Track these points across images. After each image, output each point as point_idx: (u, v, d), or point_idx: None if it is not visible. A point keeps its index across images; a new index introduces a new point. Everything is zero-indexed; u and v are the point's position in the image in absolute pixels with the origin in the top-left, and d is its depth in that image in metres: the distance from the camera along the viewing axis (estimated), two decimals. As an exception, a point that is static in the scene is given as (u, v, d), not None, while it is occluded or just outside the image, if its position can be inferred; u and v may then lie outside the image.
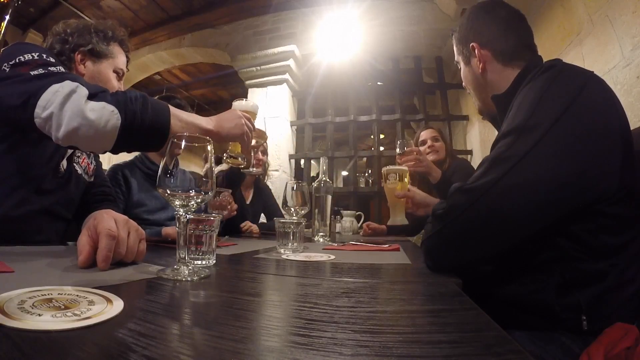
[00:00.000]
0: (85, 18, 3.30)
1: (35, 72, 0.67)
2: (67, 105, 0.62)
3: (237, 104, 1.03)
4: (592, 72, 0.65)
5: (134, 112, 0.65)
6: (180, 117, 0.72)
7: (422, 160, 1.36)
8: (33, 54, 0.73)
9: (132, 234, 0.58)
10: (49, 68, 0.70)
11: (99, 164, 1.08)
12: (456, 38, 0.88)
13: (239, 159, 0.94)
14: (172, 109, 0.71)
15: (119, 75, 1.01)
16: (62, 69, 0.72)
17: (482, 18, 0.83)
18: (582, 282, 0.60)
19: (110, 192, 1.07)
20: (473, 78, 0.84)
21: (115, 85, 0.99)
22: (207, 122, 0.76)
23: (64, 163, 0.89)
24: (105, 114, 0.63)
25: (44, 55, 0.75)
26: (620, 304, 0.59)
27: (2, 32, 2.81)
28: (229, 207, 1.24)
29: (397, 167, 1.30)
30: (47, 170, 0.84)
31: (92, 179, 1.01)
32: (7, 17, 2.76)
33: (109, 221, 0.56)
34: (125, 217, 0.61)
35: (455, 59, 0.91)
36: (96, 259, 0.52)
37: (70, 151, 0.90)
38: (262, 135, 1.41)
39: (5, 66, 0.71)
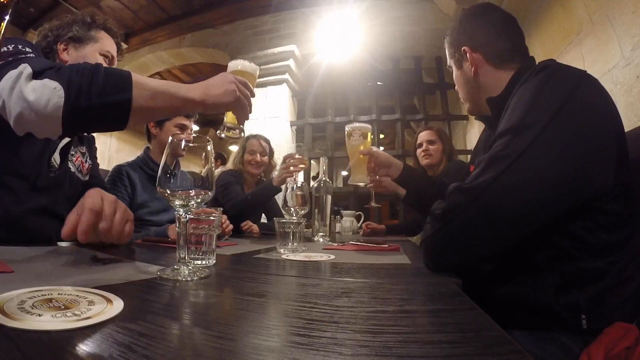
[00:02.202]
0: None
1: (3, 63, 0.63)
2: (14, 90, 0.57)
3: (232, 64, 0.90)
4: (585, 71, 0.65)
5: (79, 85, 0.56)
6: (148, 86, 0.61)
7: (381, 181, 1.29)
8: (9, 46, 0.69)
9: (118, 212, 0.58)
10: (19, 56, 0.65)
11: (95, 165, 1.07)
12: (448, 42, 0.89)
13: (237, 131, 0.84)
14: (137, 77, 0.61)
15: (108, 59, 0.99)
16: (32, 56, 0.68)
17: (474, 22, 0.83)
18: (581, 281, 0.60)
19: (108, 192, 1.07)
20: (466, 81, 0.85)
21: None
22: (187, 90, 0.65)
23: (57, 158, 0.87)
24: (45, 92, 0.55)
25: (20, 46, 0.71)
26: (620, 303, 0.60)
27: (2, 32, 2.81)
28: (225, 228, 1.23)
29: (361, 124, 1.21)
30: (40, 167, 0.83)
31: (86, 178, 1.00)
32: (7, 17, 2.76)
33: (95, 198, 0.56)
34: (115, 197, 0.61)
35: (448, 63, 0.91)
36: (77, 232, 0.52)
37: (61, 145, 0.88)
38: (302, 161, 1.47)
39: None
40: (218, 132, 0.84)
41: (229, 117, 0.83)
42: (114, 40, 1.02)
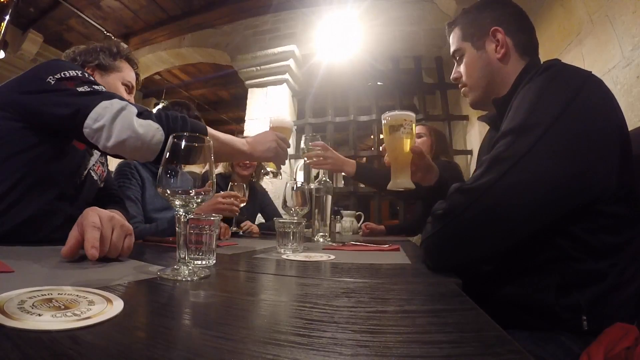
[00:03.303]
0: (85, 18, 3.30)
1: (82, 89, 0.76)
2: (117, 120, 0.72)
3: (274, 120, 1.12)
4: (591, 72, 0.65)
5: (175, 130, 0.75)
6: (217, 137, 0.83)
7: (326, 157, 1.18)
8: (77, 71, 0.81)
9: (116, 230, 0.60)
10: (94, 86, 0.78)
11: (108, 171, 1.14)
12: (465, 22, 0.84)
13: (276, 173, 1.15)
14: (210, 130, 0.82)
15: (129, 88, 1.07)
16: (104, 88, 0.81)
17: (503, 8, 0.82)
18: (582, 283, 0.60)
19: (117, 193, 1.14)
20: (485, 64, 0.80)
21: (125, 97, 1.03)
22: (242, 144, 0.87)
23: (84, 171, 0.95)
24: (151, 130, 0.74)
25: (86, 74, 0.82)
26: (620, 304, 0.60)
27: (2, 32, 2.81)
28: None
29: (408, 112, 0.94)
30: (73, 178, 0.90)
31: (102, 185, 1.07)
32: (7, 17, 2.76)
33: (93, 217, 0.58)
34: (111, 214, 0.62)
35: (458, 45, 0.85)
36: (84, 249, 0.54)
37: (92, 162, 0.98)
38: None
39: (50, 79, 0.77)
40: (262, 171, 1.10)
41: (270, 165, 1.07)
42: (134, 70, 1.10)
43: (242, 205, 1.47)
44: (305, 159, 1.22)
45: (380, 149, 1.00)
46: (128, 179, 1.39)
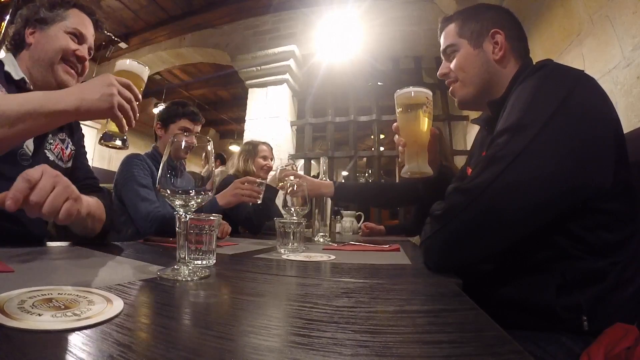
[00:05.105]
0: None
1: None
2: None
3: (119, 63, 0.82)
4: (583, 71, 0.65)
5: None
6: (10, 106, 0.58)
7: (300, 185, 1.09)
8: None
9: (58, 187, 0.53)
10: None
11: (80, 153, 1.00)
12: (464, 19, 0.83)
13: (116, 140, 0.75)
14: None
15: (77, 37, 0.90)
16: None
17: (504, 14, 0.83)
18: (582, 282, 0.60)
19: (95, 183, 0.99)
20: (482, 63, 0.80)
21: (71, 46, 0.87)
22: (57, 101, 0.61)
23: (29, 146, 0.82)
24: None
25: None
26: (621, 304, 0.60)
27: (2, 32, 2.82)
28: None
29: (423, 89, 0.87)
30: (7, 156, 0.72)
31: (68, 165, 0.94)
32: (7, 17, 2.76)
33: (33, 170, 0.51)
34: (59, 173, 0.55)
35: (452, 41, 0.84)
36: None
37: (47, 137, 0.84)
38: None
39: None
40: (99, 140, 0.75)
41: (111, 124, 0.72)
42: (91, 18, 0.94)
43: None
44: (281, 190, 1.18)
45: (393, 128, 0.91)
46: (140, 169, 1.38)
